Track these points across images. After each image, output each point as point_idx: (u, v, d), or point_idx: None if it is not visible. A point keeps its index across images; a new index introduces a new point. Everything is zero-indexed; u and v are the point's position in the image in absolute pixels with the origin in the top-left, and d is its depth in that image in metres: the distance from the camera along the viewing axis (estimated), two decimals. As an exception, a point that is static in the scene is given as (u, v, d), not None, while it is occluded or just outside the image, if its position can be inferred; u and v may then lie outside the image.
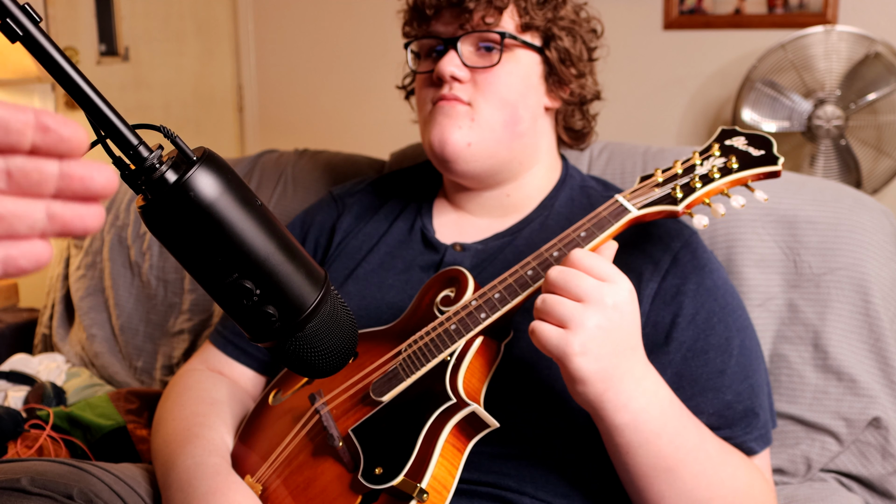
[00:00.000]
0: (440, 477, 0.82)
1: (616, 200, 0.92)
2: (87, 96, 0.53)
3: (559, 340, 0.80)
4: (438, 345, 0.89)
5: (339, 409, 0.94)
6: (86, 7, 2.81)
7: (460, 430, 0.85)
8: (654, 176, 0.95)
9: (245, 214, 0.57)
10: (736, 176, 0.92)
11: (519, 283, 0.89)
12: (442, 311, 0.93)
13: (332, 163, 1.61)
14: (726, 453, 0.92)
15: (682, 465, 0.86)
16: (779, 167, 0.91)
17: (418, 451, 0.83)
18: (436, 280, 0.97)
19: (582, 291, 0.80)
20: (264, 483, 0.95)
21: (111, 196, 0.53)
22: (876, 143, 2.41)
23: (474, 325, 0.88)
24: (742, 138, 0.96)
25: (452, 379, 0.86)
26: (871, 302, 1.19)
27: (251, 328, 0.62)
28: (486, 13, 1.04)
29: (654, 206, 0.92)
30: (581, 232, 0.90)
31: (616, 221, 0.90)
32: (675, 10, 2.80)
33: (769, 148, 0.93)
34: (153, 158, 0.55)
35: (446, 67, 1.05)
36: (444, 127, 1.05)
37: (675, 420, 0.86)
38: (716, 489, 0.88)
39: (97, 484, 0.93)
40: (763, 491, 0.94)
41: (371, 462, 0.85)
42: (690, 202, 0.91)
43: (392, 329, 0.98)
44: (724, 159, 0.93)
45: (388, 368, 0.92)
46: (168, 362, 1.64)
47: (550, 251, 0.90)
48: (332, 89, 3.38)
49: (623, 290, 0.81)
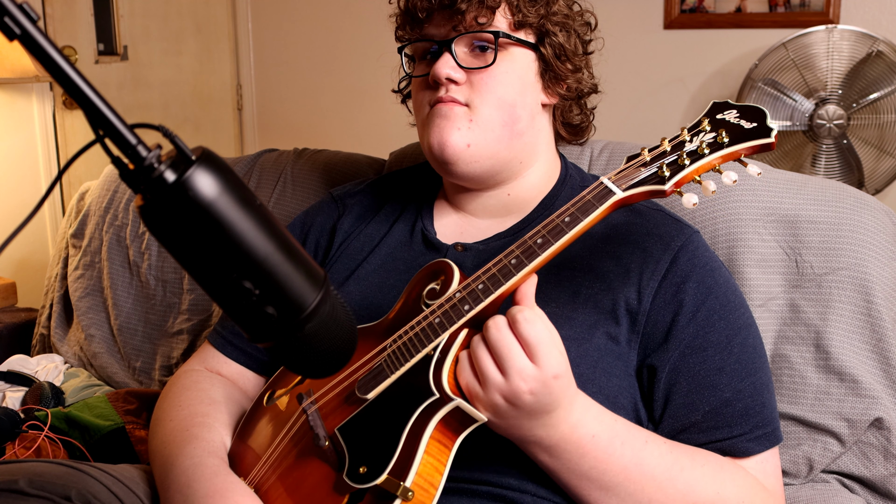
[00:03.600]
0: (426, 475, 0.82)
1: (601, 183, 0.89)
2: (84, 95, 0.53)
3: (471, 388, 0.84)
4: (423, 339, 0.88)
5: (326, 408, 0.93)
6: (84, 6, 2.80)
7: (446, 426, 0.84)
8: (640, 155, 0.91)
9: (244, 214, 0.57)
10: (726, 150, 0.86)
11: (503, 272, 0.86)
12: (427, 304, 0.91)
13: (332, 162, 1.61)
14: (682, 470, 0.91)
15: (613, 484, 0.88)
16: (772, 139, 0.86)
17: (402, 448, 0.82)
18: (422, 274, 0.96)
19: (507, 367, 0.82)
20: (257, 484, 0.95)
21: None
22: (878, 142, 2.41)
23: (458, 318, 0.87)
24: (734, 111, 0.91)
25: (436, 373, 0.85)
26: (873, 302, 1.18)
27: (250, 328, 0.61)
28: (479, 13, 1.03)
29: (639, 187, 0.87)
30: (565, 217, 0.87)
31: (600, 204, 0.86)
32: (676, 10, 2.80)
33: (762, 119, 0.88)
34: (152, 158, 0.55)
35: (442, 70, 1.04)
36: (442, 129, 1.05)
37: (602, 446, 0.88)
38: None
39: (95, 485, 0.93)
40: (747, 497, 0.93)
41: (356, 461, 0.84)
42: (678, 180, 0.86)
43: (380, 325, 0.97)
44: (713, 134, 0.88)
45: (374, 365, 0.91)
46: (167, 362, 1.63)
47: (534, 238, 0.87)
48: (332, 88, 3.38)
49: (546, 374, 0.82)
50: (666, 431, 0.97)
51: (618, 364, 0.98)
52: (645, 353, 0.99)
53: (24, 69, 2.12)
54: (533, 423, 0.84)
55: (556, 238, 0.86)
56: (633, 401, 0.98)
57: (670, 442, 0.93)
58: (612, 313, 0.99)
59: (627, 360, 0.99)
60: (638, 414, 0.98)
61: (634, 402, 0.98)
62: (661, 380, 0.97)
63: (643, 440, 0.90)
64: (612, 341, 0.98)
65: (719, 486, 0.91)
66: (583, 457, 0.87)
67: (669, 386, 0.97)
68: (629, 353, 0.99)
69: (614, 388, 0.96)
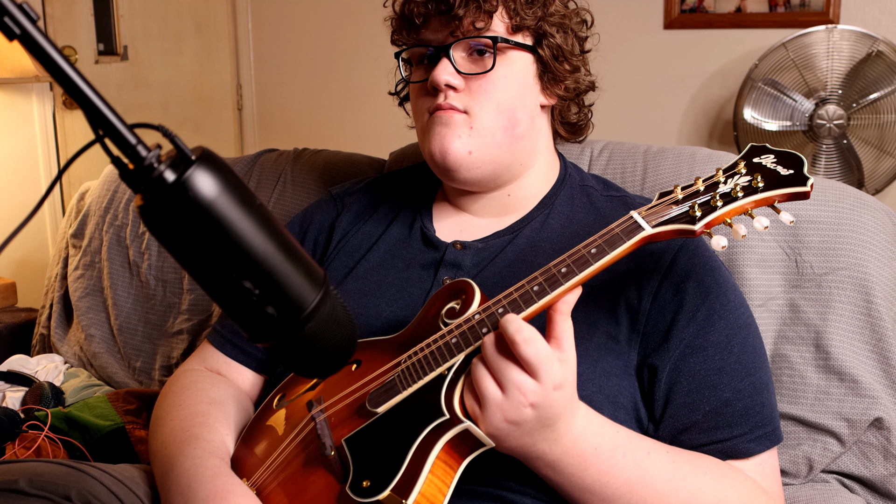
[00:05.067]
0: (429, 495, 0.81)
1: (630, 217, 0.88)
2: (84, 95, 0.53)
3: (473, 410, 0.84)
4: (438, 358, 0.87)
5: (336, 418, 0.93)
6: (84, 6, 2.80)
7: (453, 448, 0.83)
8: (673, 193, 0.90)
9: (244, 214, 0.57)
10: (760, 196, 0.85)
11: (524, 298, 0.86)
12: (446, 323, 0.91)
13: (332, 162, 1.61)
14: (684, 479, 0.90)
15: (616, 496, 0.88)
16: (808, 188, 0.85)
17: (407, 466, 0.81)
18: (443, 291, 0.96)
19: (506, 382, 0.81)
20: (259, 487, 0.95)
21: None
22: (878, 142, 2.41)
23: (475, 340, 0.86)
24: (771, 156, 0.90)
25: (448, 394, 0.85)
26: (872, 302, 1.18)
27: (250, 328, 0.61)
28: (476, 18, 1.03)
29: (669, 225, 0.86)
30: (592, 248, 0.86)
31: (628, 239, 0.86)
32: (675, 10, 2.80)
33: (799, 167, 0.87)
34: (151, 158, 0.55)
35: (441, 76, 1.04)
36: (443, 137, 1.05)
37: (605, 458, 0.87)
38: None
39: (95, 485, 0.92)
40: (748, 502, 0.93)
41: (360, 474, 0.84)
42: (709, 222, 0.85)
43: (397, 338, 0.97)
44: (749, 177, 0.87)
45: (387, 379, 0.91)
46: (167, 362, 1.63)
47: (559, 267, 0.86)
48: (331, 88, 3.38)
49: (546, 387, 0.81)
50: (667, 431, 0.97)
51: (618, 364, 0.98)
52: (645, 352, 0.99)
53: (24, 69, 2.12)
54: (535, 438, 0.83)
55: (581, 269, 0.85)
56: (634, 400, 0.98)
57: (672, 450, 0.93)
58: (612, 313, 0.99)
59: (627, 359, 0.98)
60: (638, 414, 0.98)
61: (634, 402, 0.98)
62: (662, 379, 0.97)
63: (645, 451, 0.90)
64: (612, 341, 0.98)
65: (720, 492, 0.91)
66: (585, 470, 0.86)
67: (670, 386, 0.97)
68: (629, 353, 0.99)
69: (614, 388, 0.96)
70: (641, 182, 1.34)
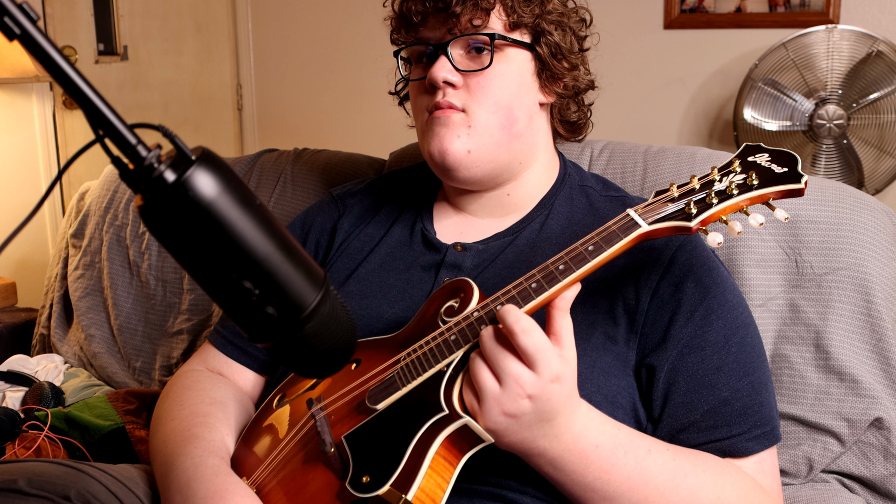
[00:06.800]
0: (428, 490, 0.81)
1: (627, 214, 0.89)
2: (84, 95, 0.53)
3: (471, 406, 0.84)
4: (437, 355, 0.88)
5: (336, 415, 0.93)
6: (84, 6, 2.80)
7: (452, 444, 0.84)
8: (669, 191, 0.91)
9: (244, 214, 0.57)
10: (755, 193, 0.87)
11: (522, 295, 0.87)
12: (445, 321, 0.92)
13: (332, 162, 1.61)
14: (685, 477, 0.90)
15: (617, 494, 0.88)
16: (801, 185, 0.87)
17: (407, 461, 0.82)
18: (442, 290, 0.96)
19: (503, 374, 0.81)
20: (259, 485, 0.95)
21: None
22: (878, 142, 2.41)
23: (473, 337, 0.87)
24: (765, 154, 0.92)
25: (447, 390, 0.86)
26: (872, 302, 1.18)
27: (250, 328, 0.61)
28: (474, 16, 1.03)
29: (665, 222, 0.88)
30: (589, 246, 0.87)
31: (625, 236, 0.87)
32: (675, 10, 2.80)
33: (793, 165, 0.90)
34: (151, 158, 0.55)
35: (439, 74, 1.04)
36: (442, 137, 1.05)
37: (606, 456, 0.87)
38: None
39: (95, 485, 0.92)
40: (747, 501, 0.93)
41: (359, 470, 0.84)
42: (704, 219, 0.87)
43: (396, 337, 0.97)
44: (744, 175, 0.89)
45: (386, 376, 0.91)
46: (167, 362, 1.63)
47: (556, 264, 0.87)
48: (332, 88, 3.38)
49: (544, 378, 0.81)
50: (665, 431, 0.97)
51: (616, 364, 0.98)
52: (643, 352, 0.99)
53: (24, 69, 2.12)
54: (535, 433, 0.84)
55: (579, 265, 0.86)
56: (632, 400, 0.98)
57: (672, 448, 0.93)
58: (610, 313, 1.00)
59: (626, 359, 0.99)
60: (637, 413, 0.98)
61: (633, 402, 0.98)
62: (660, 379, 0.97)
63: (646, 449, 0.90)
64: (611, 341, 0.98)
65: (720, 491, 0.91)
66: (587, 468, 0.87)
67: (668, 385, 0.97)
68: (627, 353, 0.99)
69: (613, 388, 0.96)
70: (641, 182, 1.34)
